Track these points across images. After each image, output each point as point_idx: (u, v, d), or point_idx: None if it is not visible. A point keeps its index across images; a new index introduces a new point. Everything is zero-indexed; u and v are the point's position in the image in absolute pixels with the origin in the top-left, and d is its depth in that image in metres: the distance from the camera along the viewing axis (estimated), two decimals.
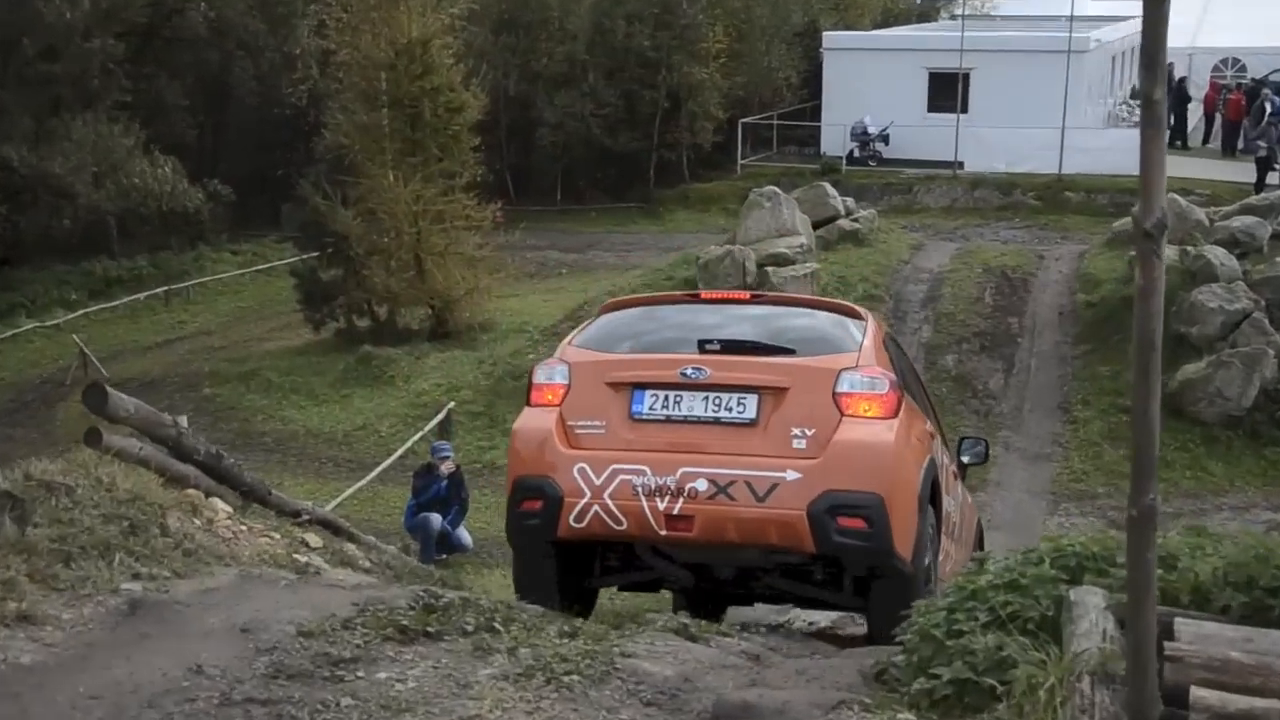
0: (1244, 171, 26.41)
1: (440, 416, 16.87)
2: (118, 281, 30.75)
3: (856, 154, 31.99)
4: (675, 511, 5.67)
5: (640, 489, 5.70)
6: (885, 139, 31.75)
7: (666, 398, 5.89)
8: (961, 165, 29.90)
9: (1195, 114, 32.46)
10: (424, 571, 7.50)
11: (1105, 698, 3.18)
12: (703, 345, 6.07)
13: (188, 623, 4.15)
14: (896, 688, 3.97)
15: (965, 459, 8.10)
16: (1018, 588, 3.99)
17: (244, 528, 5.70)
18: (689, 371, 5.86)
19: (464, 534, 12.69)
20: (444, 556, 12.41)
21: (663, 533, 5.74)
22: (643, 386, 5.94)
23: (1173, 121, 28.18)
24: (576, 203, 34.61)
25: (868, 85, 31.10)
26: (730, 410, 5.82)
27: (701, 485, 5.66)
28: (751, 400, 5.81)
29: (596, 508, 5.75)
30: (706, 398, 5.85)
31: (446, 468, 12.55)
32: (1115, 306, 18.19)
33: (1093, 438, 15.96)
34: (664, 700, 3.88)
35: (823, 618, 7.89)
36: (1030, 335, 18.78)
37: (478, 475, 15.75)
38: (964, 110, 30.43)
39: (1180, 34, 31.56)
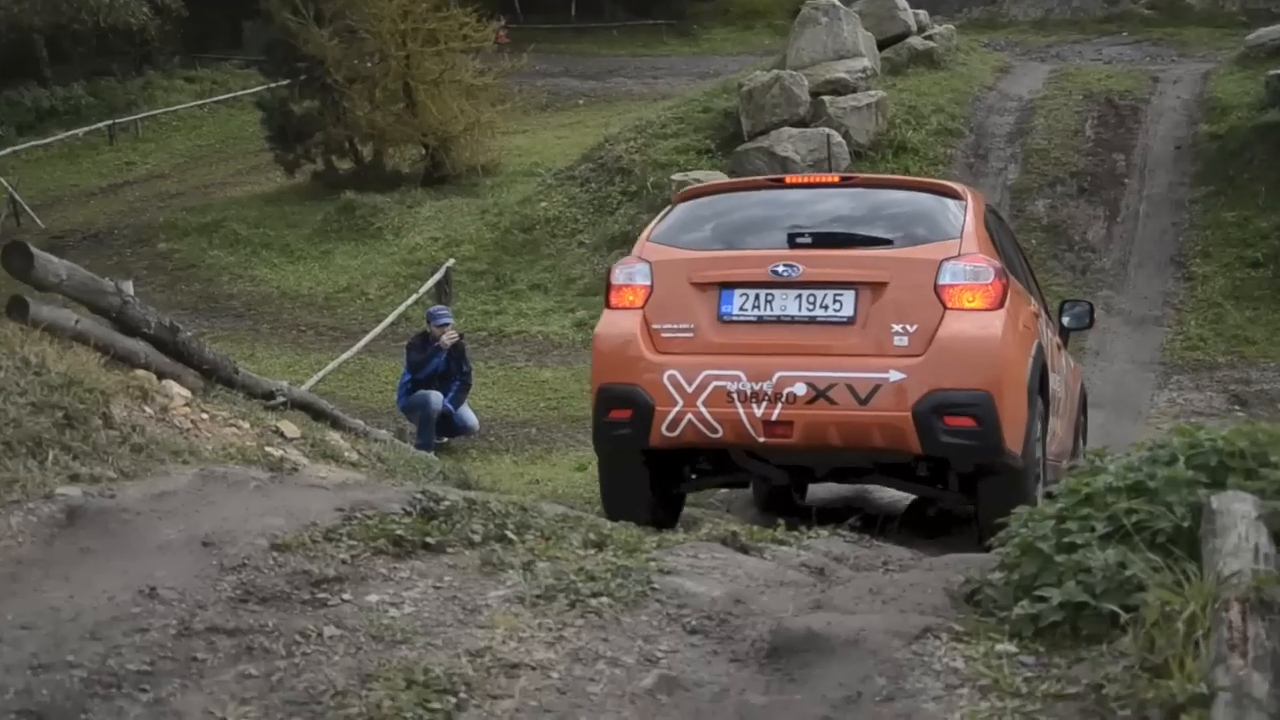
0: None
1: (437, 276, 16.72)
2: (51, 114, 30.47)
3: None
4: (774, 417, 6.13)
5: (735, 395, 6.16)
6: None
7: (757, 297, 6.31)
8: None
9: None
10: (422, 462, 7.44)
11: (1260, 631, 3.01)
12: (793, 239, 6.48)
13: (138, 534, 4.05)
14: (993, 611, 3.83)
15: (1067, 322, 8.52)
16: (1145, 492, 3.82)
17: (205, 416, 5.59)
18: (780, 269, 6.27)
19: (468, 414, 12.65)
20: (445, 440, 12.39)
21: (761, 440, 6.21)
22: (731, 286, 6.37)
23: None
24: (594, 20, 33.88)
25: None
26: (826, 308, 6.23)
27: (800, 389, 6.08)
28: (848, 297, 6.22)
29: (690, 416, 6.23)
30: (800, 296, 6.26)
31: (448, 337, 12.42)
32: (1247, 138, 17.67)
33: (1213, 297, 15.62)
34: (711, 627, 3.76)
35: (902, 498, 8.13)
36: (1139, 175, 18.31)
37: (482, 345, 15.69)
38: None
39: None
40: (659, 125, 19.92)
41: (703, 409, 6.22)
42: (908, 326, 6.11)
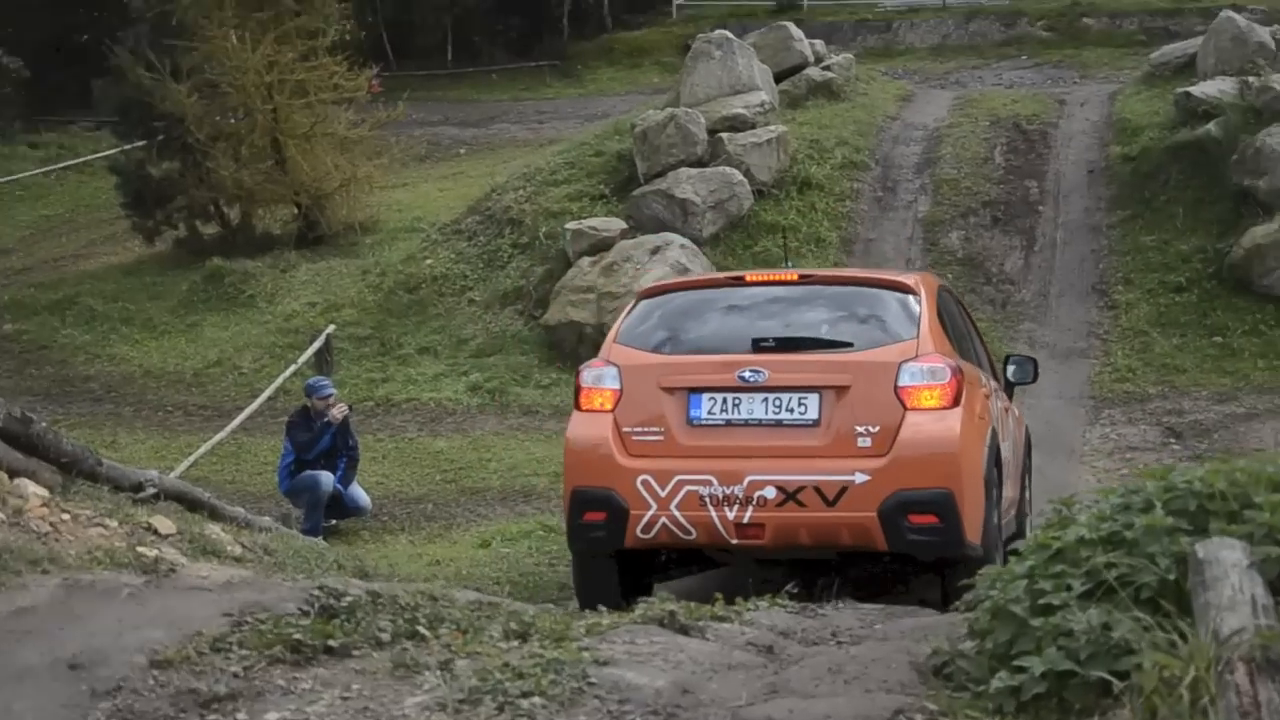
0: None
1: (317, 344, 16.35)
2: None
3: None
4: (745, 520, 6.86)
5: (708, 499, 6.89)
6: None
7: (725, 401, 7.06)
8: None
9: None
10: (313, 552, 7.16)
11: (1274, 695, 2.89)
12: (757, 343, 7.22)
13: None
14: (967, 685, 3.69)
15: (1011, 376, 9.39)
16: (1122, 543, 3.71)
17: (66, 516, 5.29)
18: (747, 375, 7.02)
19: (359, 493, 12.33)
20: (334, 523, 12.08)
21: (734, 541, 6.96)
22: (700, 390, 7.11)
23: None
24: (472, 64, 33.80)
25: None
26: (792, 411, 6.98)
27: (770, 493, 6.83)
28: (813, 400, 6.98)
29: (664, 520, 6.96)
30: (766, 399, 7.00)
31: (339, 410, 12.13)
32: (1160, 159, 17.99)
33: (1139, 325, 15.82)
34: None
35: None
36: (1054, 201, 18.57)
37: (369, 415, 15.36)
38: None
39: None
40: (548, 172, 19.79)
41: (676, 513, 6.92)
42: (870, 427, 6.85)
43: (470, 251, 18.76)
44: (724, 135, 18.52)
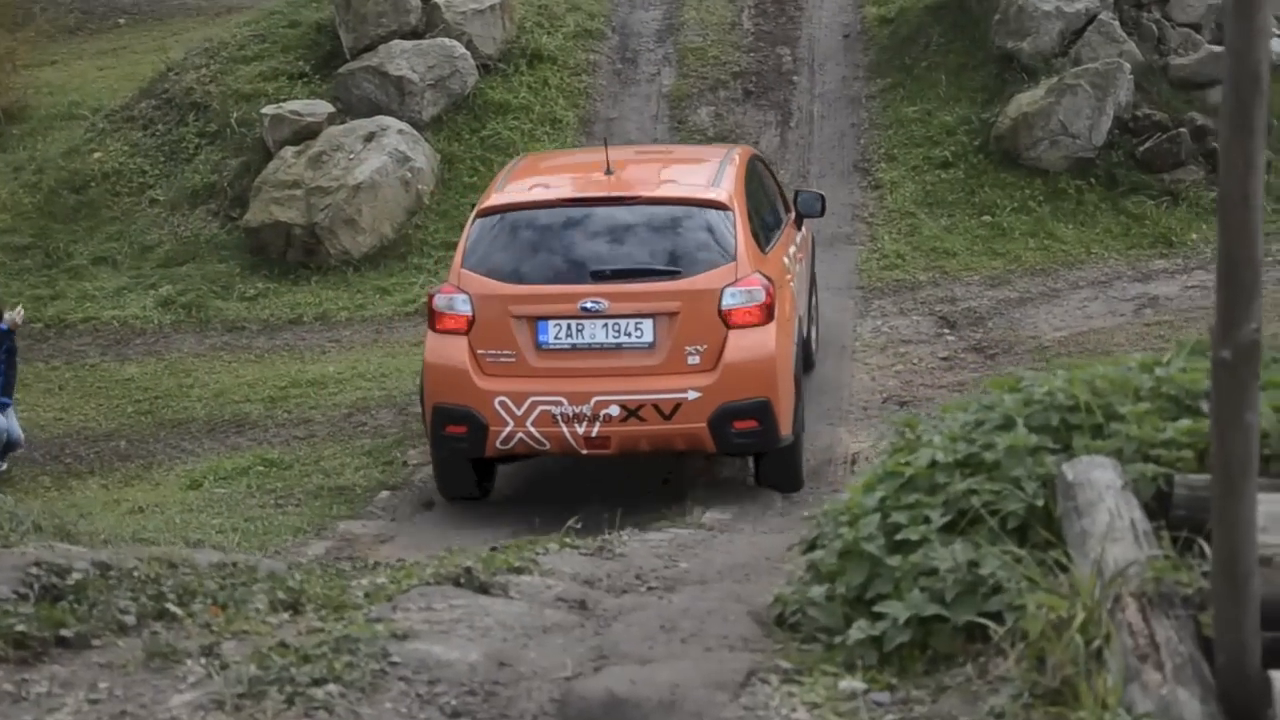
0: None
1: None
2: None
3: None
4: (594, 434, 8.62)
5: (560, 417, 8.62)
6: None
7: (570, 327, 8.77)
8: None
9: None
10: (4, 514, 6.68)
11: (1171, 633, 2.95)
12: (597, 274, 8.86)
13: None
14: (818, 636, 3.68)
15: (801, 209, 11.31)
16: (982, 466, 3.75)
17: None
18: (589, 304, 8.69)
19: (13, 424, 11.61)
20: (3, 467, 11.45)
21: (584, 452, 8.78)
22: (546, 318, 8.76)
23: None
24: None
25: None
26: (630, 335, 8.75)
27: (614, 410, 8.60)
28: (648, 325, 8.75)
29: (521, 434, 8.66)
30: (607, 325, 8.74)
31: (18, 314, 11.59)
32: (920, 21, 18.30)
33: (905, 206, 16.15)
34: (477, 705, 3.47)
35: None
36: (809, 71, 18.78)
37: (38, 340, 14.55)
38: None
39: None
40: (235, 46, 18.90)
41: (532, 429, 8.61)
42: (699, 347, 8.65)
43: (147, 142, 17.84)
44: (440, 2, 18.07)
